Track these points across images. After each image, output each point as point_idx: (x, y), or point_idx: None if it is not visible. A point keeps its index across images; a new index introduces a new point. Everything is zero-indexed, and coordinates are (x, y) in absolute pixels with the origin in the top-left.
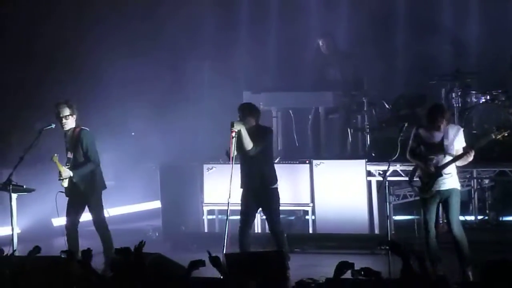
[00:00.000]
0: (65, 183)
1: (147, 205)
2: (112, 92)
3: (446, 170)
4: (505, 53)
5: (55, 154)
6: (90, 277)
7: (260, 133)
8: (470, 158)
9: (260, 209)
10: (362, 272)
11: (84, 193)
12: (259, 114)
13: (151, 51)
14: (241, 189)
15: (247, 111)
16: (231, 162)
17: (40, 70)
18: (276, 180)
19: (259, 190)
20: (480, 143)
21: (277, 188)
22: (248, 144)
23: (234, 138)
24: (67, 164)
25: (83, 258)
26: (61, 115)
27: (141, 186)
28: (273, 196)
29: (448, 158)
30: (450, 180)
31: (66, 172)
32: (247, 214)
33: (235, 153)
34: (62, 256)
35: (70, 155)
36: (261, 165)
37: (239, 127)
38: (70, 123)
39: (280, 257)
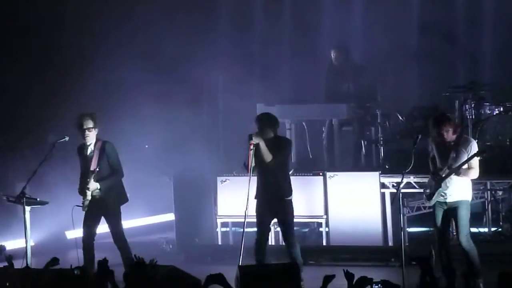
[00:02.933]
0: (89, 195)
1: (161, 217)
2: (126, 104)
3: (451, 182)
4: None
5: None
6: None
7: (279, 145)
8: (471, 173)
9: (275, 220)
10: (380, 285)
11: (106, 205)
12: (278, 125)
13: (166, 64)
14: (256, 200)
15: (266, 122)
16: (249, 174)
17: (53, 82)
18: (291, 192)
19: (275, 201)
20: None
21: (291, 200)
22: (268, 156)
23: (252, 151)
24: (89, 177)
25: (99, 269)
26: (85, 127)
27: (155, 198)
28: (288, 208)
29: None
30: (457, 192)
31: (93, 185)
32: (263, 225)
33: (253, 165)
34: (76, 272)
35: (93, 167)
36: (277, 177)
37: (257, 140)
38: (92, 135)
39: (295, 270)
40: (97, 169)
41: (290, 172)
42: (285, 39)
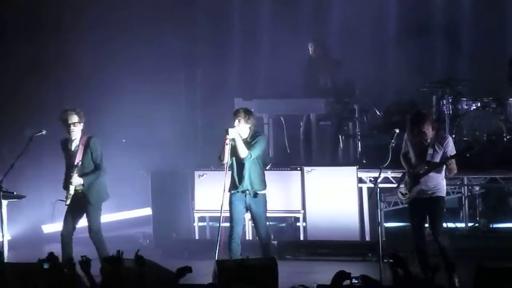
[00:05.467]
0: (72, 190)
1: (138, 212)
2: (103, 99)
3: (427, 178)
4: (498, 59)
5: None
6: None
7: (255, 140)
8: (453, 169)
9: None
10: (360, 280)
11: (88, 200)
12: (254, 120)
13: (142, 58)
14: (229, 194)
15: (243, 116)
16: (225, 169)
17: (31, 78)
18: (265, 186)
19: (247, 195)
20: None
21: (265, 194)
22: (243, 151)
23: (228, 145)
24: (76, 171)
25: (82, 268)
26: (70, 122)
27: (132, 193)
28: (260, 202)
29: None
30: (432, 188)
31: (76, 179)
32: (235, 219)
33: (229, 159)
34: (45, 266)
35: (77, 162)
36: (251, 170)
37: (234, 134)
38: (77, 130)
39: (272, 264)
40: (80, 164)
41: (267, 167)
42: (263, 33)
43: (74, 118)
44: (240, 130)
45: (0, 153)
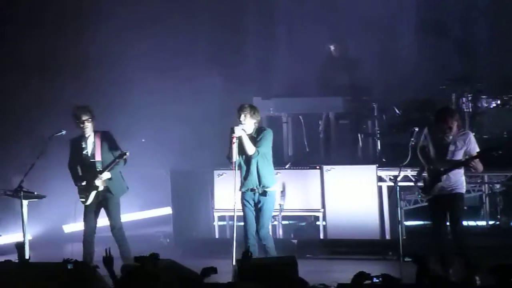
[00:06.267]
0: (102, 187)
1: (158, 211)
2: (122, 98)
3: (448, 175)
4: None
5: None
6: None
7: (261, 136)
8: (479, 167)
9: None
10: (380, 279)
11: (107, 196)
12: (259, 115)
13: (161, 58)
14: (240, 193)
15: (248, 111)
16: (234, 168)
17: (50, 76)
18: (274, 182)
19: (256, 192)
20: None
21: (274, 192)
22: (250, 148)
23: (235, 144)
24: (98, 167)
25: (105, 264)
26: (82, 119)
27: (153, 192)
28: (270, 199)
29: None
30: (453, 185)
31: (105, 174)
32: (248, 219)
33: (237, 157)
34: (69, 267)
35: (98, 157)
36: (260, 167)
37: (239, 133)
38: (90, 127)
39: (292, 263)
40: (99, 160)
41: (286, 166)
42: (281, 32)
43: (87, 115)
44: (245, 126)
45: (21, 154)
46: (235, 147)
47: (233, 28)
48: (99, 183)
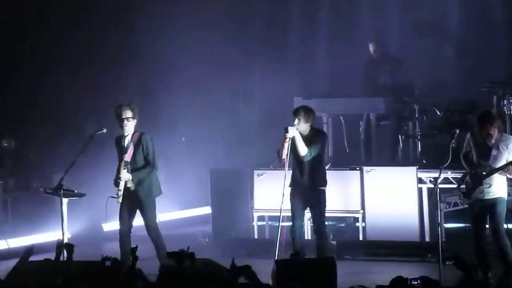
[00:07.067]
0: (122, 186)
1: (197, 210)
2: (163, 97)
3: (490, 179)
4: None
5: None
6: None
7: (315, 138)
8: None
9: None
10: (419, 281)
11: (140, 197)
12: (314, 118)
13: (203, 58)
14: (290, 189)
15: (303, 115)
16: (285, 168)
17: (90, 76)
18: (326, 183)
19: (307, 191)
20: None
21: (324, 190)
22: (303, 150)
23: (288, 143)
24: (125, 167)
25: (132, 258)
26: (123, 117)
27: (192, 191)
28: (320, 196)
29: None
30: (494, 189)
31: (125, 175)
32: (296, 214)
33: (289, 157)
34: (107, 264)
35: (128, 158)
36: (311, 169)
37: (293, 133)
38: (131, 126)
39: (331, 264)
40: (129, 160)
41: (326, 167)
42: (322, 32)
43: (128, 113)
44: (300, 128)
45: (61, 151)
46: (286, 147)
47: (274, 28)
48: (121, 184)
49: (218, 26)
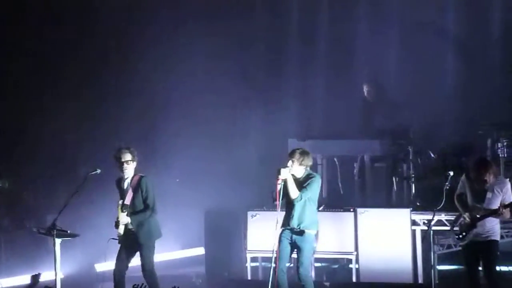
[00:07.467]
0: (122, 230)
1: (191, 251)
2: (157, 137)
3: (484, 222)
4: None
5: (121, 201)
6: None
7: (308, 181)
8: (506, 215)
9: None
10: None
11: (140, 240)
12: (311, 161)
13: (194, 97)
14: (280, 230)
15: (297, 157)
16: (277, 209)
17: (82, 116)
18: (315, 227)
19: (295, 233)
20: None
21: (314, 235)
22: (294, 193)
23: (280, 185)
24: (124, 210)
25: None
26: (123, 160)
27: (186, 232)
28: (307, 239)
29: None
30: (488, 232)
31: (124, 219)
32: (280, 255)
33: (281, 199)
34: None
35: (127, 201)
36: (302, 210)
37: (285, 175)
38: (130, 169)
39: None
40: (128, 204)
41: (320, 208)
42: (318, 74)
43: (127, 156)
44: (293, 170)
45: (55, 192)
46: (279, 189)
47: (269, 69)
48: (121, 227)
49: (214, 64)
